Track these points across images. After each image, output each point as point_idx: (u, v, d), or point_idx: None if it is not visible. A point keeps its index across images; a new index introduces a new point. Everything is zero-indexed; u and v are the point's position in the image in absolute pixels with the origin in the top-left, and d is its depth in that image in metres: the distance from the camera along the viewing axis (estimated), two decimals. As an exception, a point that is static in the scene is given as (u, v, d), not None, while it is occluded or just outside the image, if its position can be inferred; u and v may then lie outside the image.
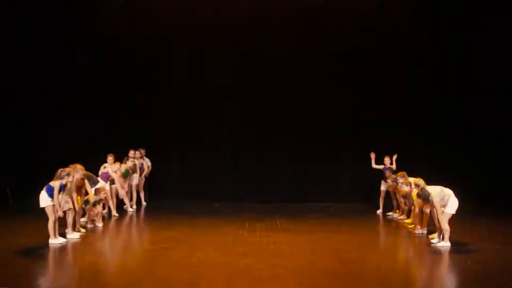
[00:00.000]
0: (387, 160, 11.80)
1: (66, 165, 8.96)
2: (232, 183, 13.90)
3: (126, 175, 11.62)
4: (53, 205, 8.45)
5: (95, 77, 13.76)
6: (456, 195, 8.54)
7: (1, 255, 7.58)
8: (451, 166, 13.07)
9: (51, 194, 8.44)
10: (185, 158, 13.95)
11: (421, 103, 13.63)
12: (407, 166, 11.40)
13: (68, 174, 8.61)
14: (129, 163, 11.81)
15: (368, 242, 9.07)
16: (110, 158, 11.34)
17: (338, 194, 13.78)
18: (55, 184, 8.46)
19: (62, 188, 8.57)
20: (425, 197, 8.49)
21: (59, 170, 8.62)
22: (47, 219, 8.42)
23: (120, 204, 11.74)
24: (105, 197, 10.44)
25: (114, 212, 11.29)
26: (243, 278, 6.54)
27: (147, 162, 12.92)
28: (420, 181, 8.72)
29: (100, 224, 10.07)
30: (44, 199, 8.48)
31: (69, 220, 8.85)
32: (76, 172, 9.17)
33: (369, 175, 12.33)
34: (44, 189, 8.50)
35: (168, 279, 6.46)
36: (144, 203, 12.84)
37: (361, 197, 13.52)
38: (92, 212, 9.95)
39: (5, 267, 6.93)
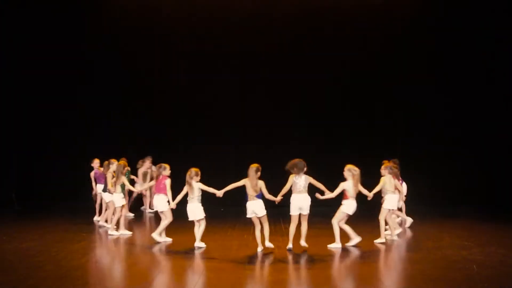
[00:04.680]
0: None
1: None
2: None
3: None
4: (123, 206, 9.40)
5: (101, 81, 13.83)
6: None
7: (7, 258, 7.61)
8: (461, 170, 13.07)
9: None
10: (189, 162, 13.93)
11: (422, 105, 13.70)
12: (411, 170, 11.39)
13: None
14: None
15: (373, 245, 9.05)
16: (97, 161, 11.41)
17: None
18: (124, 179, 9.32)
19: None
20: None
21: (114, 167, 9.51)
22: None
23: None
24: None
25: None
26: (248, 282, 6.53)
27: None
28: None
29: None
30: (118, 200, 9.41)
31: (116, 216, 9.52)
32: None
33: (372, 177, 12.29)
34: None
35: (173, 284, 6.46)
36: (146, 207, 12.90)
37: (364, 200, 13.50)
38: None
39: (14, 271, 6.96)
